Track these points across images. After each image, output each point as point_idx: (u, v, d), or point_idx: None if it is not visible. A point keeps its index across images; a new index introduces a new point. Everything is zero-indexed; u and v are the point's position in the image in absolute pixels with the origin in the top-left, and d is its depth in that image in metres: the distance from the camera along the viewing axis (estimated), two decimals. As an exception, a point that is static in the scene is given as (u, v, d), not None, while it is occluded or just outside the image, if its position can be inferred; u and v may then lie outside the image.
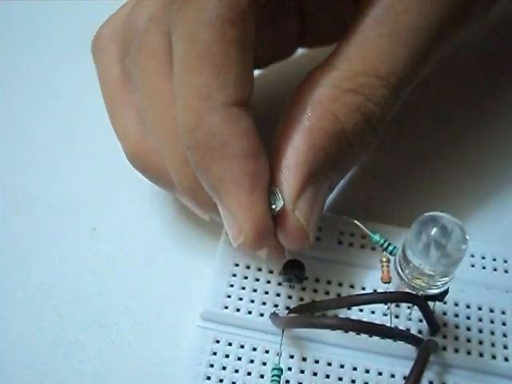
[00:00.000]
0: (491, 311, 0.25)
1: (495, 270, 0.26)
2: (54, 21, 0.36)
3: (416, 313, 0.24)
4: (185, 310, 0.26)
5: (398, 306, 0.25)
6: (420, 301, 0.23)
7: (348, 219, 0.26)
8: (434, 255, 0.20)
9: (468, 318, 0.25)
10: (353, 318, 0.24)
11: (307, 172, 0.22)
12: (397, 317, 0.25)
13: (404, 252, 0.21)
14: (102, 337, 0.25)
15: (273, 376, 0.22)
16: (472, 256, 0.26)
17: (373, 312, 0.25)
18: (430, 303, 0.23)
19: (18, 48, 0.35)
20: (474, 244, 0.26)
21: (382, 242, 0.24)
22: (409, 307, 0.25)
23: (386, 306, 0.25)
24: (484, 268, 0.26)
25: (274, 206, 0.22)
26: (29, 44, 0.35)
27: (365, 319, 0.24)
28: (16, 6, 0.36)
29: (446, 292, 0.23)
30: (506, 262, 0.26)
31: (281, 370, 0.22)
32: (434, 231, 0.20)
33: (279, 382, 0.22)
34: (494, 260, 0.26)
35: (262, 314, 0.25)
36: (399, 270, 0.21)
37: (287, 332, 0.24)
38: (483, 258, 0.26)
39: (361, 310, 0.25)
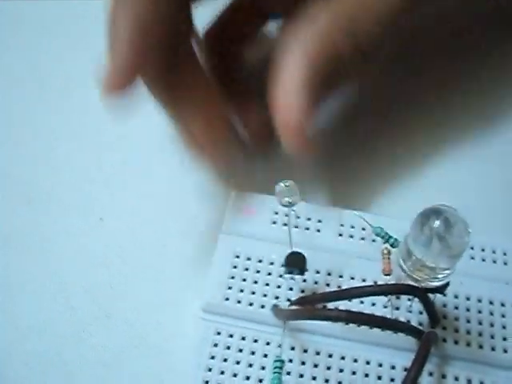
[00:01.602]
0: (491, 303, 0.25)
1: (495, 262, 0.26)
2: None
3: (416, 305, 0.24)
4: (190, 301, 0.26)
5: (398, 298, 0.25)
6: (421, 293, 0.23)
7: (349, 211, 0.26)
8: (436, 248, 0.20)
9: (468, 310, 0.25)
10: (354, 310, 0.24)
11: (308, 81, 0.22)
12: (397, 309, 0.25)
13: (406, 244, 0.21)
14: (110, 327, 0.25)
15: (275, 368, 0.22)
16: (472, 248, 0.26)
17: (373, 304, 0.25)
18: (431, 296, 0.23)
19: (32, 42, 0.35)
20: (474, 236, 0.26)
21: (383, 234, 0.24)
22: (409, 299, 0.25)
23: (386, 299, 0.25)
24: (484, 260, 0.26)
25: (288, 199, 0.22)
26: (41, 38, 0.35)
27: (366, 311, 0.24)
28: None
29: (446, 285, 0.23)
30: (505, 254, 0.26)
31: (282, 361, 0.22)
32: (436, 224, 0.20)
33: (281, 373, 0.22)
34: (494, 252, 0.26)
35: (263, 306, 0.25)
36: (401, 263, 0.21)
37: (288, 324, 0.24)
38: (483, 250, 0.26)
39: (361, 302, 0.25)
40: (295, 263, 0.24)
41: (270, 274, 0.25)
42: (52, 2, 0.36)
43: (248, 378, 0.23)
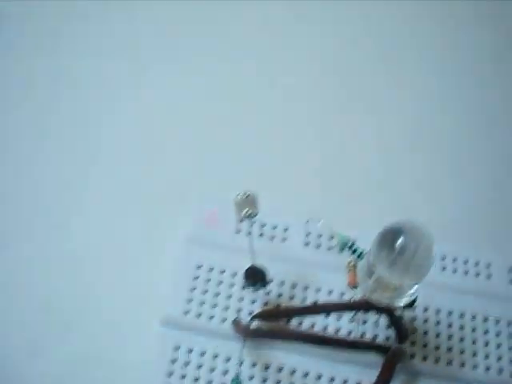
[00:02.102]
0: (461, 316, 0.24)
1: (466, 273, 0.25)
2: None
3: (385, 318, 0.23)
4: (150, 314, 0.25)
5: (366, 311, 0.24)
6: (386, 309, 0.22)
7: (315, 220, 0.25)
8: (399, 266, 0.19)
9: (438, 323, 0.24)
10: (318, 324, 0.23)
11: None
12: (364, 322, 0.24)
13: (368, 262, 0.20)
14: (69, 340, 0.24)
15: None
16: (443, 259, 0.25)
17: (339, 319, 0.24)
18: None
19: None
20: (446, 246, 0.25)
21: (349, 244, 0.23)
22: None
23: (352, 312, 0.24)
24: (455, 271, 0.25)
25: (247, 211, 0.21)
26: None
27: (331, 325, 0.23)
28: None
29: (414, 300, 0.22)
30: (477, 264, 0.25)
31: (239, 381, 0.21)
32: (399, 242, 0.19)
33: (239, 394, 0.21)
34: (466, 263, 0.25)
35: (224, 320, 0.24)
36: (363, 281, 0.20)
37: (248, 340, 0.23)
38: (454, 260, 0.25)
39: (327, 315, 0.24)
40: (255, 277, 0.23)
41: (232, 285, 0.24)
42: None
43: (207, 397, 0.22)
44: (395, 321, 0.22)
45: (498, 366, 0.23)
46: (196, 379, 0.23)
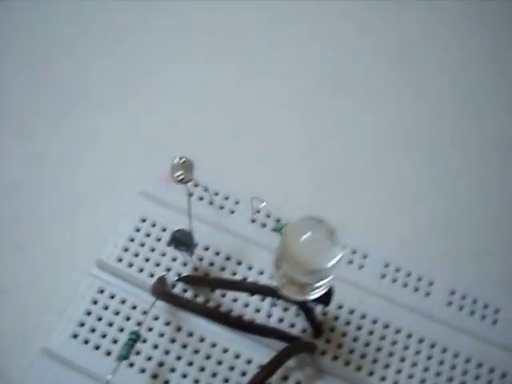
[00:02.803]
0: (386, 327, 0.24)
1: (405, 285, 0.24)
2: None
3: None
4: (88, 255, 0.25)
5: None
6: (297, 302, 0.22)
7: (260, 200, 0.25)
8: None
9: (359, 328, 0.24)
10: (240, 301, 0.24)
11: None
12: (285, 310, 0.24)
13: (277, 256, 0.20)
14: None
15: (129, 340, 0.22)
16: (386, 266, 0.25)
17: (263, 300, 0.24)
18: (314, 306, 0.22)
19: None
20: (393, 254, 0.25)
21: (279, 227, 0.23)
22: (298, 303, 0.24)
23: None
24: (394, 281, 0.25)
25: (180, 175, 0.22)
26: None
27: (252, 306, 0.23)
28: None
29: (329, 296, 0.22)
30: (419, 279, 0.25)
31: (138, 335, 0.22)
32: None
33: (132, 346, 0.22)
34: (408, 275, 0.25)
35: (152, 275, 0.24)
36: (275, 273, 0.20)
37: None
38: (397, 271, 0.25)
39: (252, 295, 0.24)
40: (180, 240, 0.23)
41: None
42: None
43: (115, 342, 0.23)
44: (307, 314, 0.22)
45: (406, 383, 0.23)
46: (110, 324, 0.24)
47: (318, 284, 0.20)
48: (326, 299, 0.22)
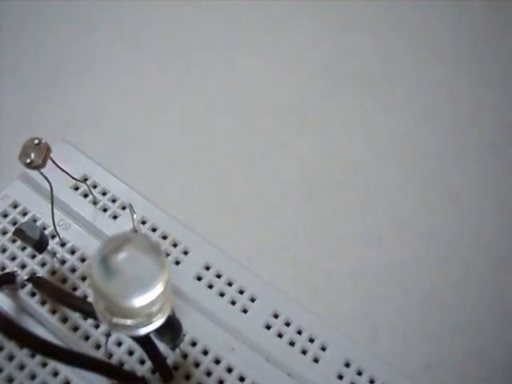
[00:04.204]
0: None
1: (295, 342, 0.20)
2: None
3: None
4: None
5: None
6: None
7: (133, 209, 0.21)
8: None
9: (220, 382, 0.19)
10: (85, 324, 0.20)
11: None
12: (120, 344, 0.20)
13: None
14: None
15: None
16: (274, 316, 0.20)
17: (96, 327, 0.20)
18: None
19: None
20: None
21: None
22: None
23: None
24: (280, 336, 0.20)
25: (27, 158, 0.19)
26: None
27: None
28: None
29: (176, 340, 0.17)
30: (311, 341, 0.20)
31: None
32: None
33: None
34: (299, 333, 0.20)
35: (3, 268, 0.21)
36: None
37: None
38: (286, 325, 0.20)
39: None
40: (23, 234, 0.19)
41: (35, 239, 0.21)
42: None
43: None
44: (148, 354, 0.18)
45: None
46: None
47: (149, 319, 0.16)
48: (171, 335, 0.18)
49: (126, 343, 0.20)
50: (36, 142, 0.18)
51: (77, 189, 0.23)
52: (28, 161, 0.18)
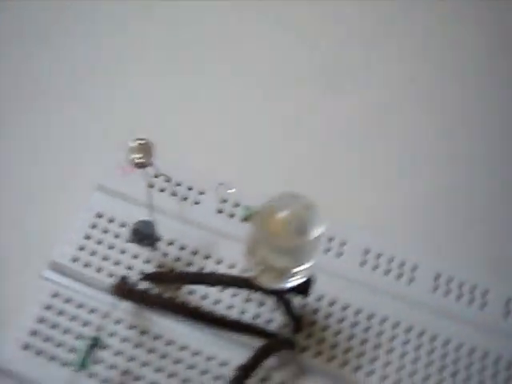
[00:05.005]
0: (370, 318, 0.22)
1: (387, 272, 0.23)
2: None
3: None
4: (41, 257, 0.23)
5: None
6: (274, 292, 0.20)
7: (228, 186, 0.23)
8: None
9: (341, 321, 0.22)
10: (211, 297, 0.21)
11: None
12: (261, 305, 0.22)
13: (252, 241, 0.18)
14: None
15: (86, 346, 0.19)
16: (366, 253, 0.23)
17: (235, 295, 0.22)
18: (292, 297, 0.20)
19: None
20: (377, 240, 0.23)
21: (249, 215, 0.21)
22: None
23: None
24: (375, 268, 0.23)
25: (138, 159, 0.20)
26: None
27: (225, 301, 0.21)
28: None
29: (307, 284, 0.20)
30: (402, 265, 0.23)
31: (96, 340, 0.19)
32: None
33: (89, 353, 0.19)
34: (390, 262, 0.23)
35: (112, 275, 0.22)
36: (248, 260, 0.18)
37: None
38: (378, 257, 0.23)
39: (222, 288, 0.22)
40: (141, 233, 0.21)
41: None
42: None
43: (73, 351, 0.21)
44: (285, 306, 0.20)
45: (396, 377, 0.21)
46: (67, 331, 0.21)
47: (297, 269, 0.18)
48: (304, 288, 0.20)
49: (250, 312, 0.22)
50: (142, 142, 0.20)
51: (151, 186, 0.24)
52: (138, 160, 0.19)
